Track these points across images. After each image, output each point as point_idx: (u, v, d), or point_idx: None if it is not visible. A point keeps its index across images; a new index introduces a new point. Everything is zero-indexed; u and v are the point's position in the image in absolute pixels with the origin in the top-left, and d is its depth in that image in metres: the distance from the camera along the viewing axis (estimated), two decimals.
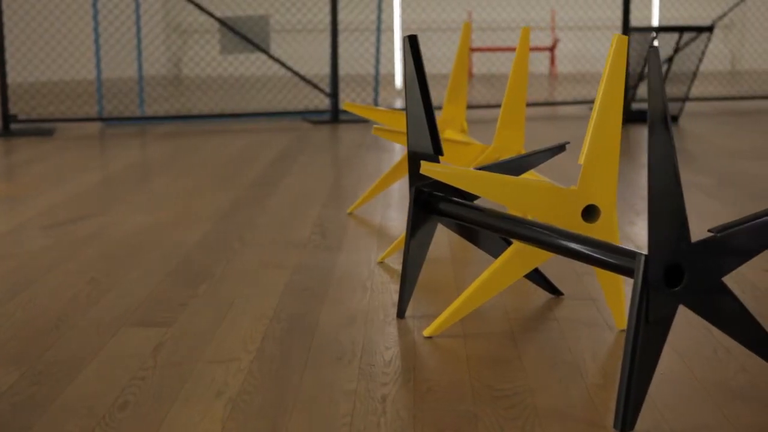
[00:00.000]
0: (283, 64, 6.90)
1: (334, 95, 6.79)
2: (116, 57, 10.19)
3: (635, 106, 6.87)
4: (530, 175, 2.94)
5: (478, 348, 2.11)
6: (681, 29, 6.56)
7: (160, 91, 9.78)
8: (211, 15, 6.65)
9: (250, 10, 10.17)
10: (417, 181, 2.32)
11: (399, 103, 8.34)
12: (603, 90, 2.07)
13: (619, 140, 2.08)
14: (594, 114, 2.07)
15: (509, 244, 2.39)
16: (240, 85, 9.84)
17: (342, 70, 11.26)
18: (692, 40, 6.70)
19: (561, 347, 2.12)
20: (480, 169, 2.34)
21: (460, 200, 2.25)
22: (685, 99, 6.65)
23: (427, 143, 2.32)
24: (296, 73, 6.92)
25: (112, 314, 2.35)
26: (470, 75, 11.97)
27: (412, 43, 2.27)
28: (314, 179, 4.32)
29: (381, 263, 2.83)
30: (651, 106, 1.62)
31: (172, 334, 2.20)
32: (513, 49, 11.67)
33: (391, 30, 11.75)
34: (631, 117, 6.65)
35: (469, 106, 7.48)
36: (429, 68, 12.21)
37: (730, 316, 1.74)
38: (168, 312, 2.37)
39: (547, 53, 12.72)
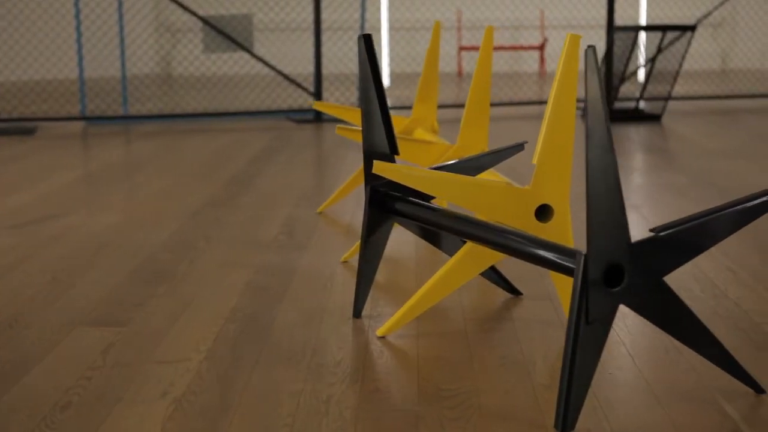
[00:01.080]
0: (266, 63, 6.89)
1: (317, 94, 6.78)
2: (102, 56, 10.17)
3: (618, 105, 6.87)
4: (490, 175, 2.93)
5: (429, 348, 2.11)
6: (664, 28, 6.55)
7: (150, 89, 9.77)
8: (194, 14, 6.64)
9: (234, 9, 10.16)
10: (373, 180, 2.31)
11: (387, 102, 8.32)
12: (555, 90, 2.07)
13: (573, 140, 2.07)
14: (547, 114, 2.07)
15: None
16: (223, 85, 9.83)
17: (326, 69, 11.25)
18: (676, 39, 6.70)
19: (513, 347, 2.11)
20: (437, 168, 2.34)
21: (415, 200, 2.25)
22: (667, 98, 6.65)
23: (382, 142, 2.31)
24: (280, 72, 6.91)
25: (68, 314, 2.35)
26: (459, 74, 11.97)
27: (366, 42, 2.26)
28: (290, 178, 4.32)
29: (345, 263, 2.83)
30: (590, 106, 1.61)
31: (124, 335, 2.19)
32: (502, 48, 11.68)
33: (378, 29, 11.74)
34: (613, 116, 6.65)
35: (459, 105, 7.49)
36: (416, 67, 12.21)
37: (671, 316, 1.74)
38: (124, 312, 2.36)
39: (536, 52, 12.72)
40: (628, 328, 2.21)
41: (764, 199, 1.77)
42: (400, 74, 12.25)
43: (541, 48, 12.17)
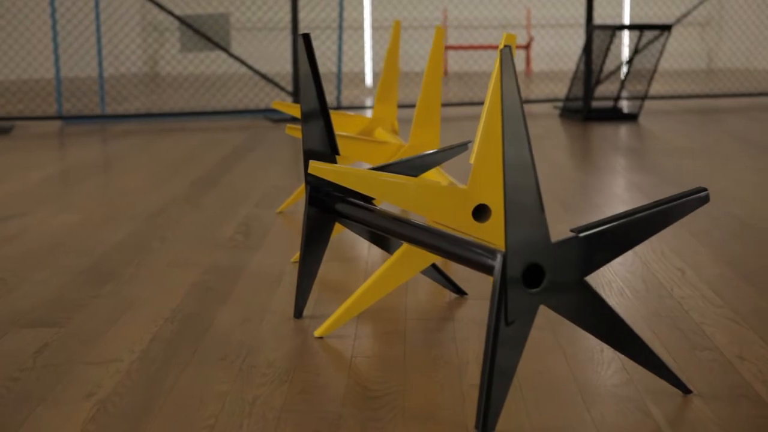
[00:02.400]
0: (243, 63, 6.88)
1: (295, 94, 6.77)
2: (85, 55, 10.15)
3: (595, 104, 6.87)
4: (436, 174, 2.93)
5: (365, 348, 2.10)
6: (641, 27, 6.55)
7: (138, 88, 9.75)
8: (171, 13, 6.63)
9: (211, 8, 10.16)
10: (313, 180, 2.30)
11: (369, 101, 8.32)
12: (492, 90, 2.06)
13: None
14: (484, 114, 2.06)
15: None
16: (200, 84, 9.81)
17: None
18: (656, 38, 6.70)
19: (449, 347, 2.11)
20: (380, 167, 2.33)
21: (352, 200, 2.24)
22: (644, 97, 6.65)
23: (323, 142, 2.31)
24: (257, 72, 6.90)
25: (7, 315, 2.34)
26: (445, 73, 11.96)
27: (305, 41, 2.25)
28: (257, 178, 4.31)
29: (295, 263, 2.82)
30: (505, 103, 1.60)
31: (60, 335, 2.18)
32: (488, 48, 11.68)
33: (356, 28, 11.72)
34: (591, 115, 6.65)
35: (444, 104, 7.49)
36: (403, 66, 12.19)
37: (593, 316, 1.73)
38: (64, 312, 2.35)
39: (522, 51, 12.72)
40: (565, 327, 2.20)
41: (693, 197, 1.77)
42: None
43: (528, 47, 12.17)
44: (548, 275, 1.67)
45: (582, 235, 1.69)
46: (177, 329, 2.23)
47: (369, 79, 10.67)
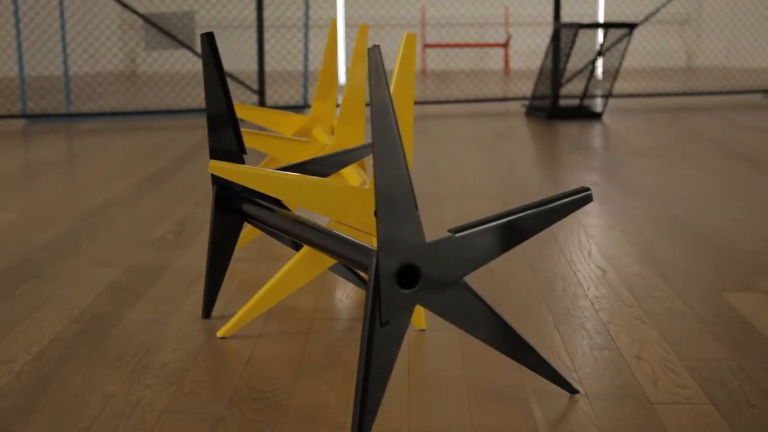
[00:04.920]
0: None
1: (260, 92, 6.76)
2: (59, 53, 10.11)
3: (563, 102, 6.87)
4: (353, 172, 2.91)
5: (264, 349, 2.09)
6: (604, 26, 6.54)
7: (115, 86, 9.73)
8: (134, 11, 6.61)
9: (175, 6, 10.13)
10: (220, 180, 2.29)
11: (340, 98, 8.30)
12: (393, 88, 2.05)
13: (412, 138, 2.05)
14: None
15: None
16: (176, 82, 9.79)
17: (269, 67, 11.21)
18: (624, 36, 6.70)
19: (349, 348, 2.10)
20: (289, 167, 2.32)
21: (256, 200, 2.23)
22: (608, 96, 6.64)
23: (230, 141, 2.29)
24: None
25: None
26: (423, 71, 11.95)
27: (209, 40, 2.24)
28: (204, 177, 4.30)
29: None
30: (374, 102, 1.59)
31: None
32: (466, 46, 11.67)
33: (321, 26, 11.70)
34: (555, 114, 6.64)
35: (423, 102, 7.49)
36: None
37: (472, 316, 1.72)
38: None
39: (501, 50, 12.71)
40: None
41: (575, 197, 1.76)
42: None
43: (506, 45, 12.16)
44: (424, 275, 1.66)
45: (458, 235, 1.68)
46: (81, 330, 2.21)
47: (342, 77, 10.66)
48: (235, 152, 2.30)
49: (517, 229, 1.72)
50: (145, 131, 6.17)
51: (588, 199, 1.76)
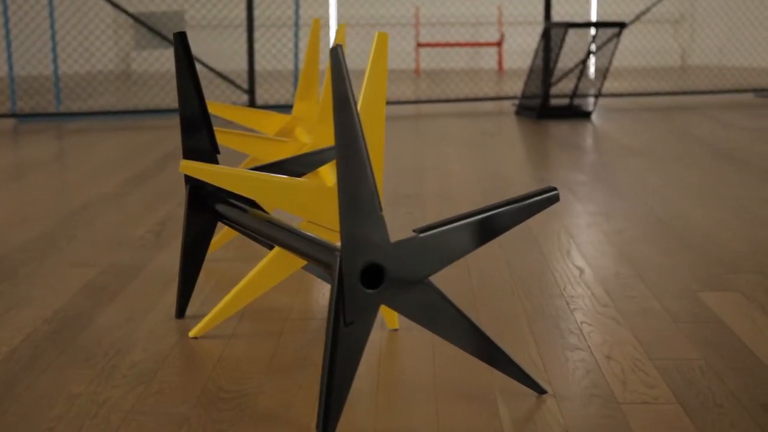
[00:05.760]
0: (198, 60, 6.86)
1: (250, 91, 6.75)
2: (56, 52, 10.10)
3: (553, 102, 6.86)
4: (330, 171, 2.91)
5: (236, 349, 2.09)
6: (594, 25, 6.54)
7: (104, 85, 9.72)
8: (123, 10, 6.60)
9: (165, 5, 10.13)
10: (193, 180, 2.29)
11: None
12: (365, 88, 2.05)
13: (383, 137, 2.05)
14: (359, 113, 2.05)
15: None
16: (166, 81, 9.78)
17: (259, 66, 11.18)
18: (615, 35, 6.69)
19: (321, 349, 2.09)
20: (262, 167, 2.32)
21: (230, 200, 2.23)
22: (597, 95, 6.64)
23: (203, 141, 2.29)
24: (212, 69, 6.88)
25: None
26: (417, 71, 11.94)
27: (181, 40, 2.24)
28: None
29: None
30: (335, 99, 1.59)
31: None
32: (460, 45, 11.66)
33: (322, 26, 11.69)
34: (545, 113, 6.64)
35: (415, 102, 7.48)
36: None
37: (437, 317, 1.72)
38: None
39: (494, 49, 12.71)
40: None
41: (541, 197, 1.76)
42: (354, 71, 12.22)
43: (499, 44, 12.16)
44: (388, 275, 1.66)
45: (423, 235, 1.68)
46: (53, 329, 2.21)
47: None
48: (209, 152, 2.30)
49: (482, 228, 1.72)
50: (135, 130, 6.17)
51: (555, 199, 1.76)
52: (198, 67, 8.96)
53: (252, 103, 6.75)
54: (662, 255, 2.84)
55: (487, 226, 1.72)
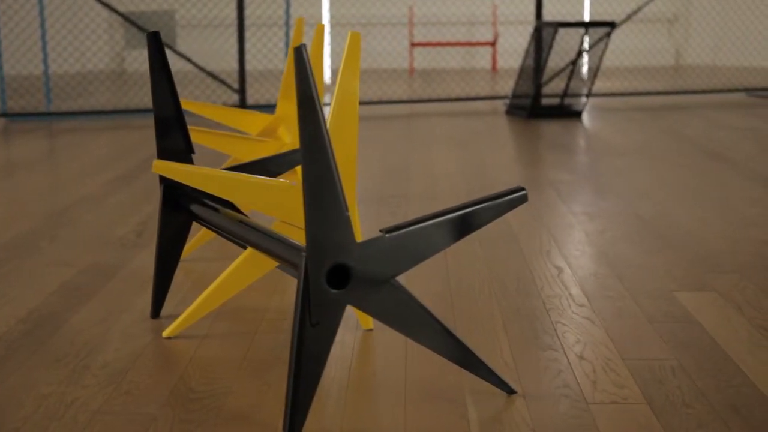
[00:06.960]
0: (188, 60, 6.85)
1: (241, 91, 6.75)
2: (50, 52, 10.09)
3: (543, 101, 6.86)
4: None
5: (208, 349, 2.09)
6: (584, 25, 6.54)
7: (94, 85, 9.71)
8: (114, 10, 6.59)
9: (155, 5, 10.12)
10: (168, 180, 2.29)
11: (328, 98, 8.29)
12: (338, 88, 2.05)
13: (357, 137, 2.05)
14: (331, 112, 2.05)
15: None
16: (145, 80, 9.75)
17: (250, 66, 11.17)
18: (607, 35, 6.69)
19: None
20: (237, 167, 2.32)
21: (204, 200, 2.22)
22: (588, 95, 6.64)
23: (178, 141, 2.29)
24: (202, 69, 6.87)
25: None
26: (411, 71, 11.94)
27: (155, 39, 2.23)
28: None
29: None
30: (299, 98, 1.59)
31: None
32: (454, 44, 11.66)
33: (314, 24, 11.69)
34: (535, 113, 6.63)
35: (409, 101, 7.48)
36: (371, 63, 12.18)
37: (404, 317, 1.71)
38: None
39: (489, 48, 12.70)
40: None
41: (509, 197, 1.75)
42: None
43: (494, 44, 12.16)
44: (354, 275, 1.66)
45: (389, 235, 1.68)
46: (26, 330, 2.20)
47: (327, 77, 10.64)
48: (183, 152, 2.29)
49: (450, 228, 1.71)
50: (126, 130, 6.16)
51: (523, 199, 1.75)
52: (189, 66, 8.95)
53: (243, 103, 6.74)
54: (643, 255, 2.83)
55: (455, 226, 1.72)
